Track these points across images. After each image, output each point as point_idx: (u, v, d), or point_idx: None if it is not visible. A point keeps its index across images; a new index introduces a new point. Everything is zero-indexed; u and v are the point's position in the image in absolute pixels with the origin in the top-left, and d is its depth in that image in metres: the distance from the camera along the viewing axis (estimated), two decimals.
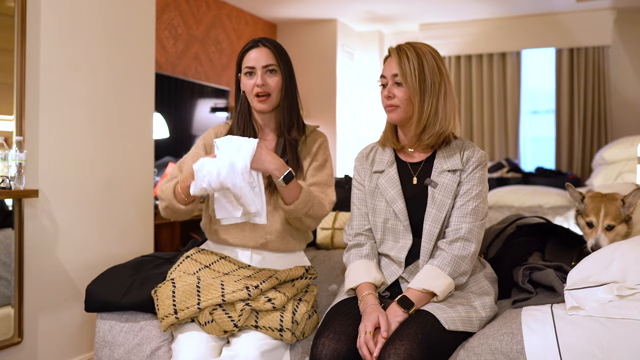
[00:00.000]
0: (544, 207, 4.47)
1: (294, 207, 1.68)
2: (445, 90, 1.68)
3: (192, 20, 4.68)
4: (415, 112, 1.67)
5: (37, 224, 2.16)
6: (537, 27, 5.64)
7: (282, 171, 1.62)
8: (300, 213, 1.71)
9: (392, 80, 1.69)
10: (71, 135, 2.29)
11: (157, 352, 1.74)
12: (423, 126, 1.68)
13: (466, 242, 1.63)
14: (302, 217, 1.73)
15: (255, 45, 1.82)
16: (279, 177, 1.62)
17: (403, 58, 1.66)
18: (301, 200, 1.68)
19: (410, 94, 1.66)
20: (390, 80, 1.69)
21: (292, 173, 1.64)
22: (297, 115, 1.86)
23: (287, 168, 1.63)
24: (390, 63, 1.71)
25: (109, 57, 2.46)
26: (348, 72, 6.08)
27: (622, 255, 1.59)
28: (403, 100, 1.67)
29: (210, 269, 1.74)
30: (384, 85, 1.72)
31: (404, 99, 1.67)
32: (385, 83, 1.72)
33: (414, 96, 1.65)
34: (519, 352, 1.44)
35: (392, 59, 1.70)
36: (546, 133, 5.86)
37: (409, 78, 1.65)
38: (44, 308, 2.21)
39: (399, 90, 1.68)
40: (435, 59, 1.68)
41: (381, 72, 1.74)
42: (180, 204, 1.70)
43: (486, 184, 1.73)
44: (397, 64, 1.66)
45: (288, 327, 1.61)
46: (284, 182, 1.62)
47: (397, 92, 1.68)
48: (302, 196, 1.68)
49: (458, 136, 1.77)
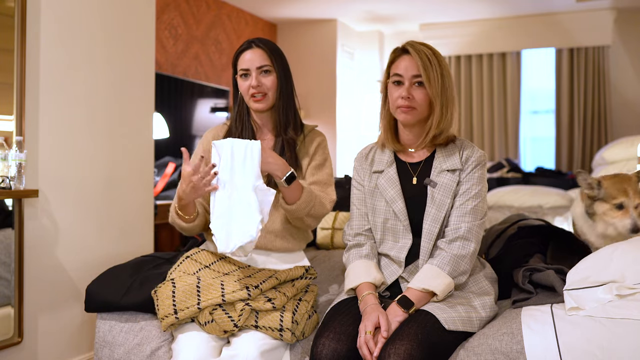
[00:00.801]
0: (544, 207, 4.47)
1: (295, 207, 1.69)
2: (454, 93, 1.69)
3: (192, 20, 4.68)
4: (435, 115, 1.65)
5: (37, 224, 2.16)
6: (537, 27, 5.64)
7: (284, 172, 1.62)
8: (302, 213, 1.71)
9: (411, 81, 1.65)
10: (71, 135, 2.29)
11: (157, 352, 1.74)
12: (440, 130, 1.67)
13: (465, 241, 1.63)
14: (303, 217, 1.74)
15: (249, 46, 1.82)
16: (281, 178, 1.62)
17: (424, 59, 1.63)
18: (303, 200, 1.68)
19: (432, 96, 1.64)
20: (408, 81, 1.65)
21: (294, 174, 1.64)
22: (293, 114, 1.86)
23: (290, 169, 1.64)
24: (408, 62, 1.65)
25: (109, 57, 2.46)
26: (348, 72, 6.08)
27: (621, 255, 1.59)
28: (423, 102, 1.65)
29: (210, 269, 1.74)
30: (398, 84, 1.67)
31: (424, 101, 1.65)
32: (400, 81, 1.67)
33: (436, 99, 1.64)
34: (519, 352, 1.44)
35: (410, 58, 1.66)
36: (546, 133, 5.86)
37: (432, 81, 1.63)
38: (44, 308, 2.21)
39: (419, 92, 1.65)
40: (445, 61, 1.69)
41: (393, 70, 1.68)
42: (184, 223, 1.77)
43: (485, 183, 1.73)
44: (420, 66, 1.63)
45: (288, 327, 1.61)
46: (286, 183, 1.63)
47: (417, 93, 1.65)
48: (304, 196, 1.68)
49: (457, 136, 1.77)
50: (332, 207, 1.83)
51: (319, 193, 1.78)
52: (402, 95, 1.65)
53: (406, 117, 1.67)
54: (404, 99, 1.65)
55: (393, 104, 1.68)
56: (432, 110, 1.67)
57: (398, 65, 1.67)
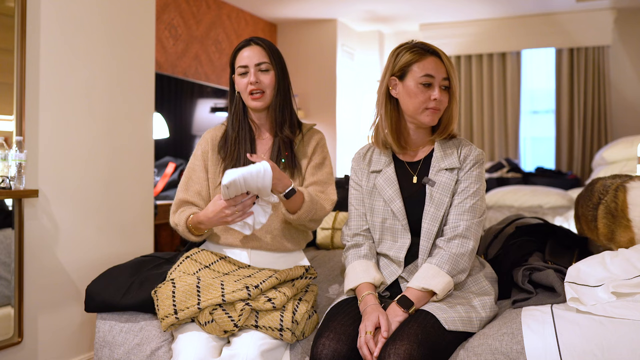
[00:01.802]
0: (544, 207, 4.47)
1: (297, 217, 1.72)
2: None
3: (192, 20, 4.68)
4: (451, 117, 1.69)
5: (37, 224, 2.16)
6: (537, 27, 5.64)
7: (285, 188, 1.64)
8: (304, 221, 1.75)
9: (441, 83, 1.66)
10: (71, 135, 2.29)
11: (157, 352, 1.74)
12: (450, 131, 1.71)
13: (464, 239, 1.63)
14: (305, 222, 1.77)
15: (248, 44, 1.83)
16: (281, 193, 1.65)
17: (448, 63, 1.66)
18: (304, 210, 1.71)
19: (453, 99, 1.68)
20: (439, 83, 1.66)
21: (294, 190, 1.65)
22: (289, 113, 1.86)
23: (290, 184, 1.65)
24: (438, 64, 1.66)
25: (109, 57, 2.46)
26: (348, 72, 6.08)
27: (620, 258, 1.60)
28: (444, 106, 1.68)
29: (210, 269, 1.74)
30: (429, 86, 1.66)
31: (445, 104, 1.68)
32: (430, 83, 1.66)
33: (454, 101, 1.69)
34: (519, 352, 1.44)
35: (438, 61, 1.66)
36: (546, 133, 5.87)
37: (454, 83, 1.67)
38: (44, 308, 2.21)
39: (445, 95, 1.68)
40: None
41: (425, 71, 1.64)
42: (194, 237, 1.80)
43: (483, 182, 1.73)
44: (449, 69, 1.66)
45: (288, 327, 1.61)
46: (285, 197, 1.66)
47: (444, 97, 1.67)
48: (305, 205, 1.71)
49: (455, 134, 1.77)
50: (332, 208, 1.83)
51: (319, 195, 1.79)
52: (437, 98, 1.65)
53: (433, 119, 1.68)
54: (437, 101, 1.66)
55: (420, 105, 1.66)
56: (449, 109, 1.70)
57: (427, 66, 1.65)
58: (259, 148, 1.88)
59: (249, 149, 1.84)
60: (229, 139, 1.86)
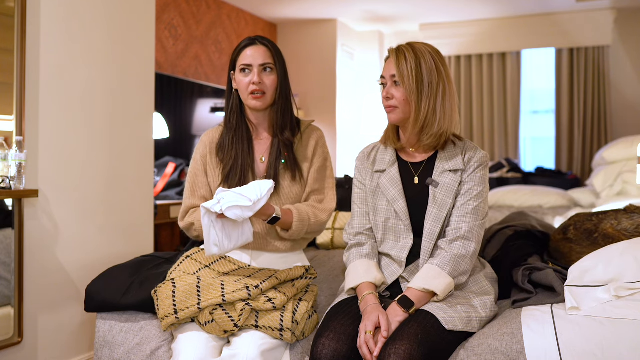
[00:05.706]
0: (544, 207, 4.47)
1: (289, 235, 1.77)
2: (444, 90, 1.67)
3: (192, 20, 4.68)
4: (412, 112, 1.67)
5: (37, 224, 2.16)
6: (537, 27, 5.64)
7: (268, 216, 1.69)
8: (298, 236, 1.79)
9: (390, 81, 1.69)
10: (71, 135, 2.29)
11: (157, 352, 1.75)
12: (421, 126, 1.68)
13: (466, 241, 1.63)
14: (302, 236, 1.81)
15: (252, 42, 1.82)
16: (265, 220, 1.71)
17: (401, 59, 1.66)
18: (295, 230, 1.76)
19: (407, 94, 1.66)
20: (389, 81, 1.70)
21: (277, 217, 1.70)
22: (290, 116, 1.86)
23: (274, 212, 1.69)
24: (389, 64, 1.71)
25: (109, 57, 2.46)
26: (348, 72, 6.08)
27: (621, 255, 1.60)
28: (401, 101, 1.67)
29: (210, 269, 1.74)
30: (384, 85, 1.72)
31: (401, 100, 1.67)
32: (384, 83, 1.72)
33: (411, 97, 1.65)
34: (519, 352, 1.44)
35: (390, 59, 1.71)
36: (546, 133, 5.86)
37: (406, 79, 1.65)
38: (44, 308, 2.21)
39: (396, 91, 1.68)
40: (435, 58, 1.67)
41: (381, 73, 1.75)
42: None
43: (487, 184, 1.73)
44: (395, 65, 1.67)
45: (288, 327, 1.61)
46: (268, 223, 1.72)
47: (395, 92, 1.68)
48: (295, 226, 1.75)
49: (460, 136, 1.77)
50: (330, 215, 1.84)
51: (315, 207, 1.81)
52: (384, 96, 1.71)
53: (390, 117, 1.71)
54: (385, 98, 1.71)
55: (382, 105, 1.74)
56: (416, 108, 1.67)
57: (384, 68, 1.74)
58: (257, 148, 1.87)
59: (246, 149, 1.84)
60: (226, 139, 1.86)
